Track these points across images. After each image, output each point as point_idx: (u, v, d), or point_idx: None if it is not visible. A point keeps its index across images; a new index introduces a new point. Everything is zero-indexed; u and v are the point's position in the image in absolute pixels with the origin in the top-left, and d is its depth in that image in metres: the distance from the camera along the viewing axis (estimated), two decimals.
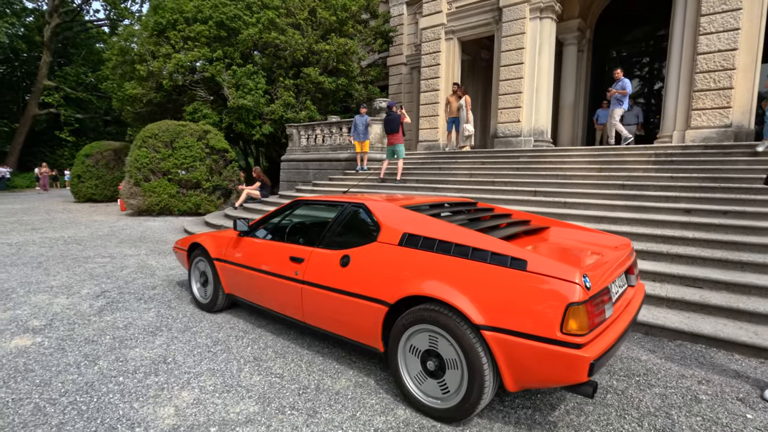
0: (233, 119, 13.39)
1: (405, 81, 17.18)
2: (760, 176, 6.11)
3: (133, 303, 4.25)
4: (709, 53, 8.93)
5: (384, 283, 2.49)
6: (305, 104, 13.95)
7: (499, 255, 2.19)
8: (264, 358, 3.06)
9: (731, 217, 5.19)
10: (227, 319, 3.83)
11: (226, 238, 3.78)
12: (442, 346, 2.26)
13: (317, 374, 2.83)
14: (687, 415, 2.36)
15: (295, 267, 3.03)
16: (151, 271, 5.56)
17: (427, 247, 2.43)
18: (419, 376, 2.38)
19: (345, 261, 2.73)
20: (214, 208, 12.15)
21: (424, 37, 13.45)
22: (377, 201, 2.97)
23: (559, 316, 1.92)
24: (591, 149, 8.96)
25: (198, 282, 4.13)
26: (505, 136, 11.74)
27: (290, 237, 3.49)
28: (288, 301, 3.11)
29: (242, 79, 12.89)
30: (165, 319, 3.80)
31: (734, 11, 8.69)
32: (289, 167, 13.12)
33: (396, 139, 9.21)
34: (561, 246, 2.75)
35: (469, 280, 2.19)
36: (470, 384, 2.13)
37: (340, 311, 2.73)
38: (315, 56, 13.97)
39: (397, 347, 2.44)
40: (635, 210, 5.86)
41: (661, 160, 7.55)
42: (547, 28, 11.36)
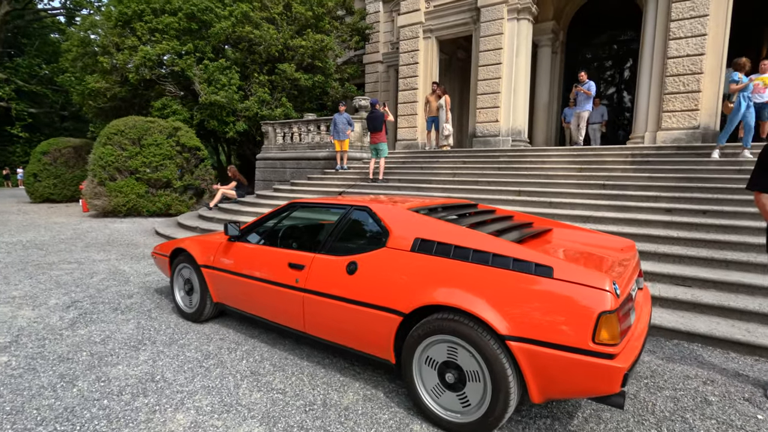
0: (205, 116, 12.87)
1: (381, 79, 17.06)
2: (732, 177, 6.36)
3: (109, 314, 3.94)
4: (679, 57, 9.27)
5: (397, 291, 2.36)
6: (281, 101, 13.59)
7: (522, 261, 2.10)
8: (262, 371, 2.87)
9: (710, 216, 5.36)
10: (215, 330, 3.60)
11: (214, 244, 3.54)
12: (463, 358, 2.16)
13: (322, 388, 2.67)
14: (701, 419, 2.36)
15: (295, 274, 2.85)
16: (124, 278, 5.20)
17: (443, 253, 2.32)
18: (436, 389, 2.27)
19: (352, 268, 2.58)
20: (186, 209, 11.64)
21: (402, 35, 13.36)
22: (383, 204, 2.83)
23: (591, 325, 1.85)
24: (569, 149, 9.13)
25: (182, 290, 3.87)
26: (484, 135, 11.82)
27: (287, 242, 3.30)
28: (287, 310, 2.93)
29: (215, 75, 12.39)
30: (147, 332, 3.52)
31: (702, 17, 9.06)
32: (265, 166, 12.75)
33: (379, 138, 9.09)
34: (575, 250, 2.70)
35: (491, 288, 2.09)
36: (494, 397, 2.04)
37: (348, 321, 2.58)
38: (291, 52, 13.62)
39: (412, 359, 2.32)
40: (619, 209, 5.98)
41: (638, 161, 7.76)
42: (524, 29, 11.50)
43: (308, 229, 3.38)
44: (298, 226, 3.37)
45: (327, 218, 3.41)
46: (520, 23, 11.44)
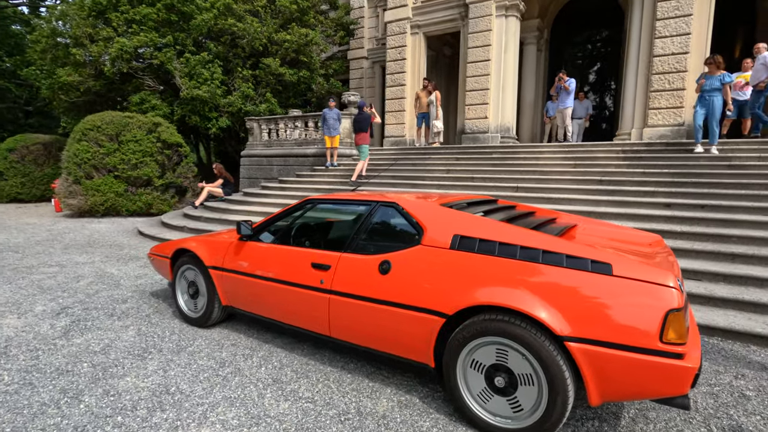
0: (186, 111, 12.38)
1: (367, 75, 16.86)
2: (723, 172, 6.51)
3: (105, 320, 3.66)
4: (664, 56, 9.46)
5: (438, 291, 2.23)
6: (265, 97, 13.21)
7: (576, 258, 2.01)
8: (284, 379, 2.69)
9: (708, 210, 5.45)
10: (225, 335, 3.38)
11: (223, 244, 3.32)
12: (514, 360, 2.05)
13: (352, 395, 2.52)
14: (746, 414, 2.33)
15: (319, 275, 2.68)
16: (114, 281, 4.89)
17: (487, 251, 2.20)
18: (484, 394, 2.15)
19: (385, 267, 2.43)
20: (168, 208, 11.17)
21: (389, 30, 13.20)
22: (412, 199, 2.69)
23: (659, 324, 1.77)
24: (561, 146, 9.20)
25: (185, 294, 3.63)
26: (473, 132, 11.81)
27: (307, 241, 3.11)
28: (310, 313, 2.75)
29: (196, 68, 11.92)
30: (150, 339, 3.28)
31: (686, 17, 9.26)
32: (251, 163, 12.39)
33: (363, 139, 8.91)
34: (610, 245, 2.63)
35: (545, 287, 1.99)
36: (551, 400, 1.94)
37: (381, 324, 2.43)
38: (275, 46, 13.26)
39: (456, 362, 2.20)
40: (618, 205, 6.02)
41: (630, 157, 7.86)
42: (512, 26, 11.53)
43: (329, 227, 3.21)
44: (317, 223, 3.19)
45: (348, 216, 3.24)
46: (509, 20, 11.47)
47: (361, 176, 8.78)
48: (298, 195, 8.87)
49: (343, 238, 2.81)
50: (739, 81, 8.41)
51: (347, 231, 2.92)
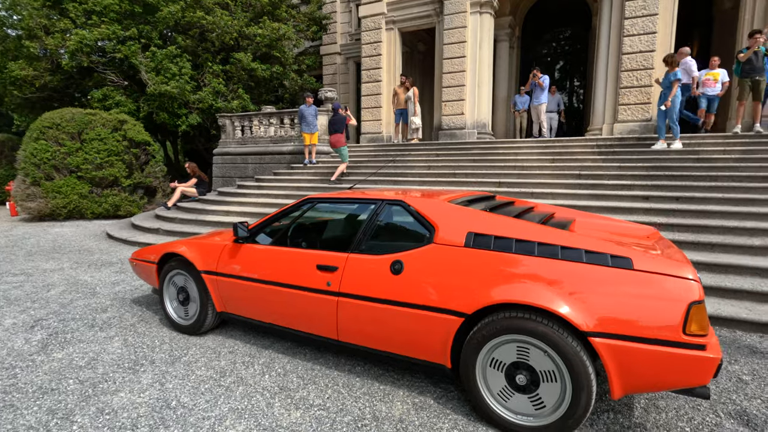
0: (154, 108, 11.84)
1: (340, 71, 16.65)
2: (693, 165, 6.81)
3: (86, 332, 3.42)
4: (632, 53, 9.81)
5: (455, 290, 2.19)
6: (237, 92, 12.82)
7: (595, 253, 2.01)
8: (291, 386, 2.58)
9: (683, 202, 5.68)
10: (220, 342, 3.23)
11: (216, 247, 3.16)
12: (535, 358, 2.03)
13: (365, 400, 2.44)
14: (747, 399, 2.42)
15: (325, 277, 2.59)
16: (89, 289, 4.59)
17: (504, 248, 2.18)
18: (504, 393, 2.13)
19: (397, 267, 2.37)
20: (137, 210, 10.67)
21: (364, 26, 13.07)
22: (419, 197, 2.63)
23: (682, 317, 1.79)
24: (538, 141, 9.38)
25: (174, 300, 3.44)
26: (450, 128, 11.88)
27: (309, 241, 3.00)
28: (316, 317, 2.66)
29: (164, 63, 11.41)
30: (139, 350, 3.09)
31: (652, 16, 9.62)
32: (224, 161, 11.99)
33: (339, 141, 8.74)
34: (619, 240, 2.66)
35: (566, 283, 1.98)
36: (576, 396, 1.93)
37: (394, 326, 2.37)
38: (246, 41, 12.88)
39: (475, 362, 2.16)
40: (599, 198, 6.19)
41: (604, 151, 8.11)
42: (486, 23, 11.65)
43: (331, 227, 3.10)
44: (318, 223, 3.07)
45: (348, 214, 3.14)
46: (483, 17, 11.58)
47: (331, 179, 8.61)
48: (277, 194, 8.65)
49: (347, 238, 2.72)
50: (708, 78, 8.82)
51: (351, 231, 2.83)
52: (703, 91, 8.71)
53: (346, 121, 8.97)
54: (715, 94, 8.63)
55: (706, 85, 8.64)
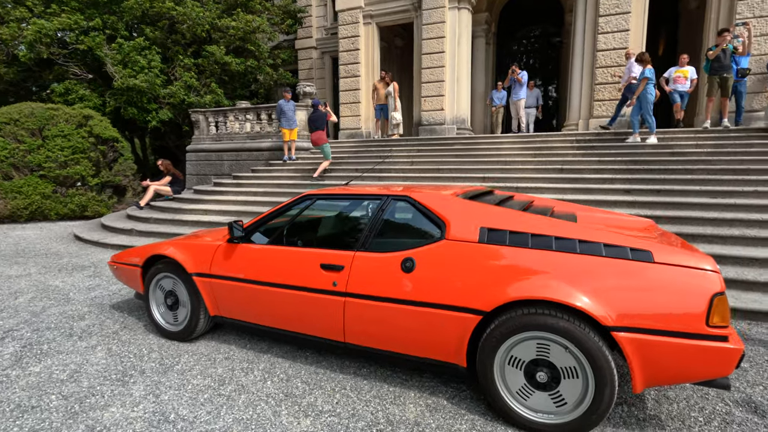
0: (121, 103, 11.27)
1: (316, 66, 16.37)
2: (669, 159, 7.03)
3: (64, 342, 3.18)
4: (607, 50, 10.04)
5: (471, 288, 2.12)
6: (210, 87, 12.38)
7: (614, 247, 1.99)
8: (296, 392, 2.46)
9: (663, 195, 5.85)
10: (214, 348, 3.06)
11: (208, 247, 2.98)
12: (556, 354, 2.00)
13: (376, 403, 2.35)
14: (750, 385, 2.47)
15: (331, 277, 2.48)
16: (62, 296, 4.29)
17: (520, 243, 2.13)
18: (523, 391, 2.08)
19: (408, 265, 2.28)
20: (106, 210, 10.13)
21: (341, 20, 12.86)
22: (426, 192, 2.55)
23: (705, 309, 1.79)
24: (518, 136, 9.49)
25: (161, 305, 3.24)
26: (430, 124, 11.87)
27: (310, 240, 2.86)
28: (320, 318, 2.54)
29: (131, 55, 10.86)
30: (126, 359, 2.88)
31: (625, 14, 9.88)
32: (198, 158, 11.56)
33: (321, 138, 8.53)
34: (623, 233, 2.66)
35: (587, 278, 1.95)
36: (599, 392, 1.91)
37: (406, 326, 2.29)
38: (218, 33, 12.44)
39: (493, 361, 2.11)
40: (583, 192, 6.29)
41: (583, 146, 8.27)
42: (464, 19, 11.68)
43: (332, 225, 2.97)
44: (318, 221, 2.94)
45: (350, 211, 3.02)
46: (461, 12, 11.60)
47: (313, 175, 8.44)
48: (256, 191, 8.39)
49: (352, 236, 2.61)
50: (678, 75, 9.13)
51: (355, 228, 2.72)
52: (673, 88, 9.03)
53: (327, 118, 8.80)
54: (685, 91, 8.96)
55: (677, 82, 8.95)
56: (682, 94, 8.86)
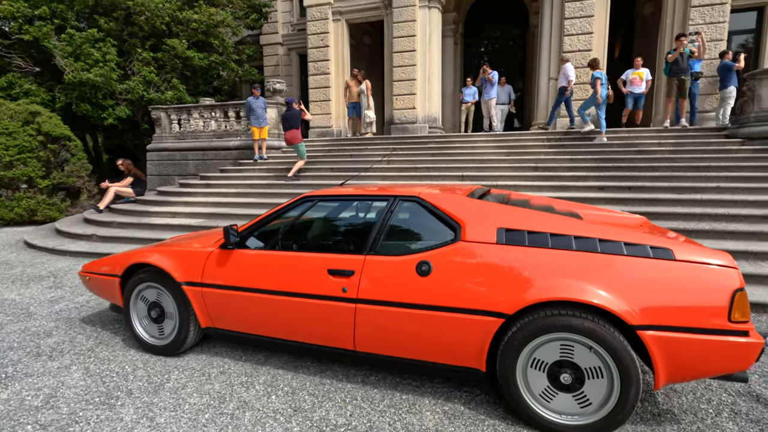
0: (73, 98, 10.47)
1: (283, 63, 15.95)
2: (635, 156, 7.35)
3: (31, 363, 2.86)
4: (572, 52, 10.38)
5: (492, 290, 2.07)
6: (171, 83, 11.76)
7: (635, 245, 1.99)
8: (306, 406, 2.32)
9: (635, 191, 6.09)
10: (206, 362, 2.85)
11: (199, 254, 2.77)
12: (580, 355, 1.98)
13: (391, 413, 2.26)
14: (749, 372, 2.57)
15: (340, 282, 2.35)
16: (21, 310, 3.89)
17: (540, 243, 2.10)
18: (547, 393, 2.05)
19: (425, 269, 2.20)
20: (58, 214, 9.38)
21: (310, 16, 12.58)
22: (436, 193, 2.48)
23: (727, 305, 1.82)
24: (491, 135, 9.63)
25: (144, 318, 2.98)
26: (402, 122, 11.85)
27: (311, 244, 2.70)
28: (328, 327, 2.41)
29: (84, 47, 10.11)
30: (108, 379, 2.62)
31: (589, 17, 10.25)
32: (160, 158, 10.95)
33: (296, 137, 8.26)
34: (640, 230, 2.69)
35: (610, 277, 1.94)
36: (625, 391, 1.90)
37: (424, 331, 2.20)
38: (179, 26, 11.83)
39: (515, 364, 2.06)
40: (559, 189, 6.45)
41: (555, 145, 8.50)
42: (435, 18, 11.74)
43: (335, 227, 2.83)
44: (318, 224, 2.79)
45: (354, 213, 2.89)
46: (431, 11, 11.65)
47: (288, 175, 8.20)
48: (227, 192, 8.04)
49: (358, 239, 2.49)
50: (634, 77, 9.58)
51: (361, 231, 2.60)
52: (630, 90, 9.49)
53: (302, 116, 8.56)
54: (641, 92, 9.43)
55: (634, 84, 9.41)
56: (637, 96, 9.33)
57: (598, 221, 2.67)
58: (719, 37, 9.60)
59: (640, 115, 9.90)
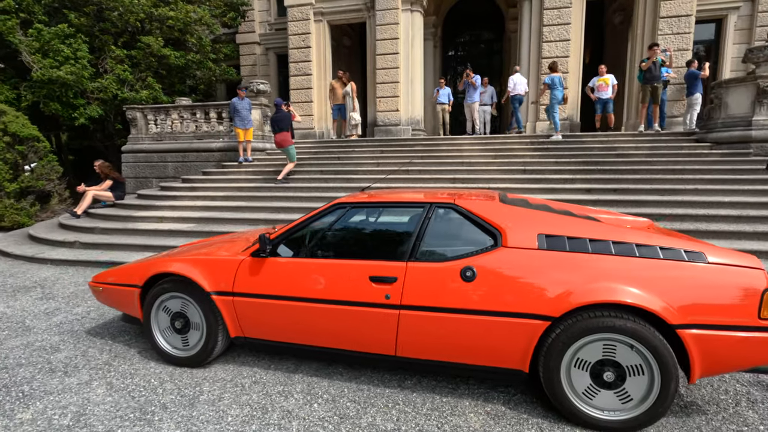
0: (40, 97, 9.92)
1: (260, 62, 15.69)
2: (615, 159, 7.71)
3: (47, 380, 2.72)
4: (550, 58, 10.75)
5: (538, 294, 2.15)
6: (146, 81, 11.33)
7: (670, 249, 2.13)
8: (350, 413, 2.34)
9: (620, 193, 6.41)
10: (234, 372, 2.80)
11: (229, 262, 2.72)
12: (622, 353, 2.09)
13: (435, 416, 2.31)
14: None
15: (383, 289, 2.38)
16: (16, 324, 3.68)
17: (580, 249, 2.20)
18: (589, 391, 2.16)
19: (469, 275, 2.26)
20: (27, 219, 8.85)
21: (291, 16, 12.44)
22: (471, 199, 2.55)
23: (757, 303, 1.97)
24: (476, 138, 9.84)
25: (167, 329, 2.90)
26: (385, 124, 11.92)
27: (349, 252, 2.69)
28: (370, 332, 2.43)
29: (54, 43, 9.59)
30: (136, 393, 2.54)
31: (566, 25, 10.65)
32: (137, 160, 10.53)
33: (286, 140, 8.13)
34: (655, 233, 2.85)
35: (649, 279, 2.07)
36: (665, 386, 2.03)
37: (469, 335, 2.26)
38: (155, 23, 11.42)
39: (559, 364, 2.16)
40: (549, 192, 6.68)
41: (539, 148, 8.78)
42: (417, 21, 11.88)
43: (369, 234, 2.83)
44: (351, 231, 2.79)
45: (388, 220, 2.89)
46: (414, 15, 11.78)
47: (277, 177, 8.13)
48: (215, 195, 7.85)
49: (396, 246, 2.51)
50: (600, 83, 10.07)
51: (397, 237, 2.62)
52: (598, 95, 10.00)
53: (292, 118, 8.47)
54: (608, 97, 9.94)
55: (600, 90, 9.92)
56: (605, 101, 9.83)
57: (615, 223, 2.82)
58: (685, 46, 10.21)
59: (612, 118, 10.40)
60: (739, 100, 7.62)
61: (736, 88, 7.66)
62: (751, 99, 7.48)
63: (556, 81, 9.03)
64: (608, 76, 10.00)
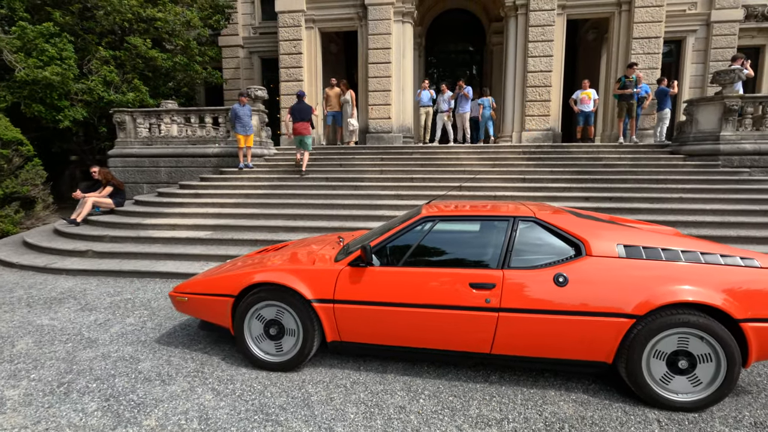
0: (22, 98, 9.43)
1: (243, 66, 15.53)
2: (603, 170, 8.38)
3: (149, 388, 2.80)
4: (535, 72, 11.44)
5: (624, 296, 2.52)
6: (133, 83, 11.01)
7: (728, 256, 2.56)
8: (457, 406, 2.60)
9: (615, 201, 7.02)
10: (328, 375, 2.99)
11: (328, 272, 2.91)
12: (694, 345, 2.49)
13: (531, 405, 2.62)
14: None
15: (483, 294, 2.67)
16: (74, 335, 3.66)
17: (654, 256, 2.59)
18: (665, 377, 2.55)
19: (561, 280, 2.60)
20: (12, 227, 8.41)
21: (281, 21, 12.46)
22: (550, 213, 2.90)
23: None
24: (470, 147, 10.31)
25: (260, 336, 3.04)
26: (377, 132, 12.19)
27: (443, 261, 2.92)
28: (470, 333, 2.71)
29: (38, 42, 9.16)
30: (248, 398, 2.68)
31: (549, 41, 11.37)
32: (126, 164, 10.21)
33: (306, 129, 8.64)
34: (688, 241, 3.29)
35: (716, 282, 2.48)
36: (730, 370, 2.45)
37: (562, 333, 2.60)
38: (142, 24, 11.13)
39: (641, 356, 2.53)
40: (550, 200, 7.19)
41: (532, 157, 9.36)
42: (408, 32, 12.25)
43: (458, 245, 3.07)
44: (441, 241, 3.04)
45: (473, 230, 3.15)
46: (405, 26, 12.14)
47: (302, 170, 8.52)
48: (223, 202, 7.83)
49: (488, 255, 2.80)
50: (583, 97, 10.87)
51: (487, 248, 2.90)
52: (581, 108, 10.80)
53: (312, 111, 8.83)
54: (590, 110, 10.76)
55: (583, 102, 10.72)
56: (587, 114, 10.63)
57: (668, 233, 3.27)
58: (655, 65, 11.17)
59: (591, 130, 11.23)
60: (709, 117, 8.52)
61: (705, 106, 8.56)
62: (719, 116, 8.39)
63: (486, 103, 11.21)
64: (591, 90, 10.81)
